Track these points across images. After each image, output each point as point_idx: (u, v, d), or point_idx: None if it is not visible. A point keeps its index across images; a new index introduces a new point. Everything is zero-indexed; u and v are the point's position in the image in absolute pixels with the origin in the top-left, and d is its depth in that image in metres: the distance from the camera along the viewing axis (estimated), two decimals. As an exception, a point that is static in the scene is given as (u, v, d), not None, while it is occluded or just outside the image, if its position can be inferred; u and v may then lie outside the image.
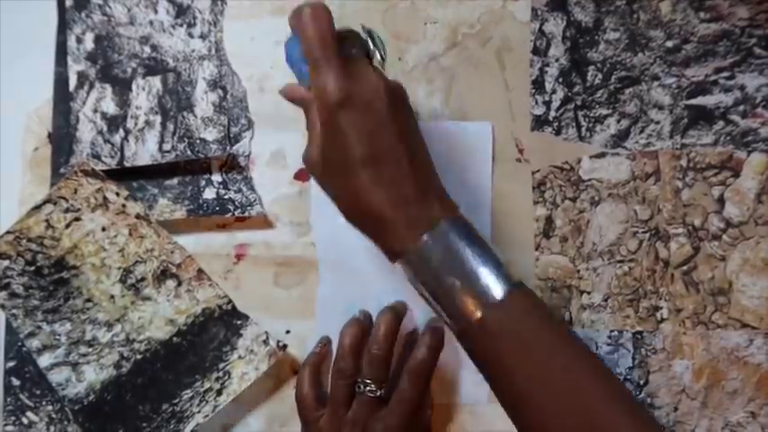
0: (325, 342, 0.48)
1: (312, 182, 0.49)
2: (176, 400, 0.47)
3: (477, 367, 0.39)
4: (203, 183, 0.49)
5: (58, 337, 0.48)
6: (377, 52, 0.40)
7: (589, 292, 0.47)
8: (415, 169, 0.38)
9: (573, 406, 0.36)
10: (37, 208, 0.48)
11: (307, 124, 0.40)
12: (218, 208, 0.49)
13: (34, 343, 0.48)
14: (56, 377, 0.47)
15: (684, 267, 0.47)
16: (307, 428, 0.45)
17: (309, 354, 0.47)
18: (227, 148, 0.49)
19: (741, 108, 0.47)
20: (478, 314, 0.37)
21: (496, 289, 0.37)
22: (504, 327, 0.37)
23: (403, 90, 0.40)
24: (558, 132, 0.48)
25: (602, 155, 0.48)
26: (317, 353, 0.47)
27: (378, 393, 0.43)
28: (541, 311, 0.39)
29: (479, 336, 0.38)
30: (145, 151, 0.49)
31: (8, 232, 0.48)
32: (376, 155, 0.37)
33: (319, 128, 0.38)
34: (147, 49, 0.50)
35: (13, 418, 0.48)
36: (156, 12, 0.51)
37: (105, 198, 0.48)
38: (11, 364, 0.49)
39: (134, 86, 0.50)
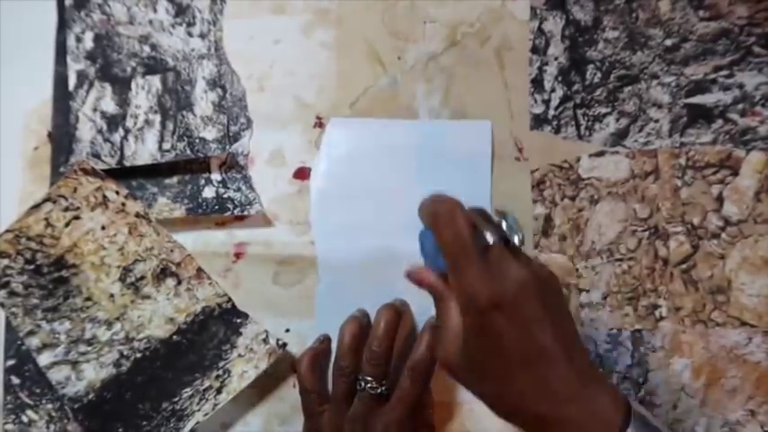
0: (324, 338, 0.48)
1: (312, 180, 0.49)
2: (176, 399, 0.47)
3: None
4: (203, 182, 0.49)
5: (57, 335, 0.48)
6: (514, 236, 0.37)
7: (588, 291, 0.48)
8: (574, 365, 0.35)
9: None
10: (36, 206, 0.48)
11: (437, 315, 0.38)
12: (217, 207, 0.49)
13: (34, 341, 0.48)
14: (55, 376, 0.47)
15: (683, 266, 0.47)
16: (309, 422, 0.45)
17: (308, 348, 0.47)
18: (227, 147, 0.49)
19: (740, 106, 0.47)
20: None
21: None
22: None
23: (551, 275, 0.38)
24: (557, 131, 0.49)
25: (601, 153, 0.48)
26: (316, 348, 0.47)
27: (378, 391, 0.43)
28: None
29: None
30: (144, 150, 0.49)
31: (8, 231, 0.48)
32: (531, 356, 0.35)
33: (460, 327, 0.36)
34: (147, 49, 0.50)
35: (12, 416, 0.48)
36: (155, 11, 0.51)
37: (105, 197, 0.48)
38: (11, 362, 0.49)
39: (133, 85, 0.50)
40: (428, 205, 0.38)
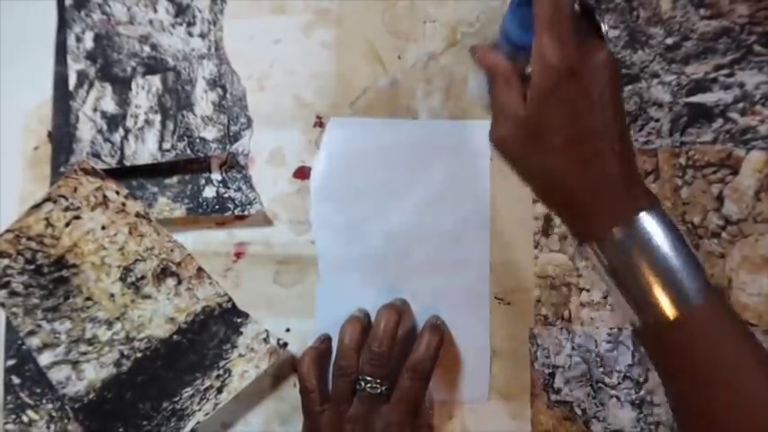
0: (325, 338, 0.48)
1: (312, 180, 0.49)
2: (177, 398, 0.47)
3: (653, 365, 0.37)
4: (203, 181, 0.49)
5: (58, 335, 0.48)
6: (602, 24, 0.38)
7: (588, 290, 0.47)
8: (625, 151, 0.36)
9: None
10: (37, 206, 0.48)
11: (492, 99, 0.38)
12: (217, 206, 0.49)
13: (34, 341, 0.48)
14: (56, 375, 0.47)
15: (684, 265, 0.47)
16: (309, 422, 0.45)
17: (309, 348, 0.47)
18: (227, 146, 0.49)
19: (740, 106, 0.47)
20: (674, 314, 0.34)
21: (697, 291, 0.34)
22: (699, 332, 0.35)
23: (620, 66, 0.39)
24: (557, 130, 0.48)
25: (601, 153, 0.48)
26: (317, 347, 0.47)
27: (378, 390, 0.43)
28: (738, 323, 0.36)
29: (669, 336, 0.35)
30: (145, 150, 0.49)
31: (8, 231, 0.48)
32: (593, 131, 0.35)
33: (520, 103, 0.36)
34: (147, 48, 0.50)
35: (13, 416, 0.48)
36: (155, 11, 0.51)
37: (105, 197, 0.48)
38: (11, 362, 0.49)
39: (134, 85, 0.50)
40: None
